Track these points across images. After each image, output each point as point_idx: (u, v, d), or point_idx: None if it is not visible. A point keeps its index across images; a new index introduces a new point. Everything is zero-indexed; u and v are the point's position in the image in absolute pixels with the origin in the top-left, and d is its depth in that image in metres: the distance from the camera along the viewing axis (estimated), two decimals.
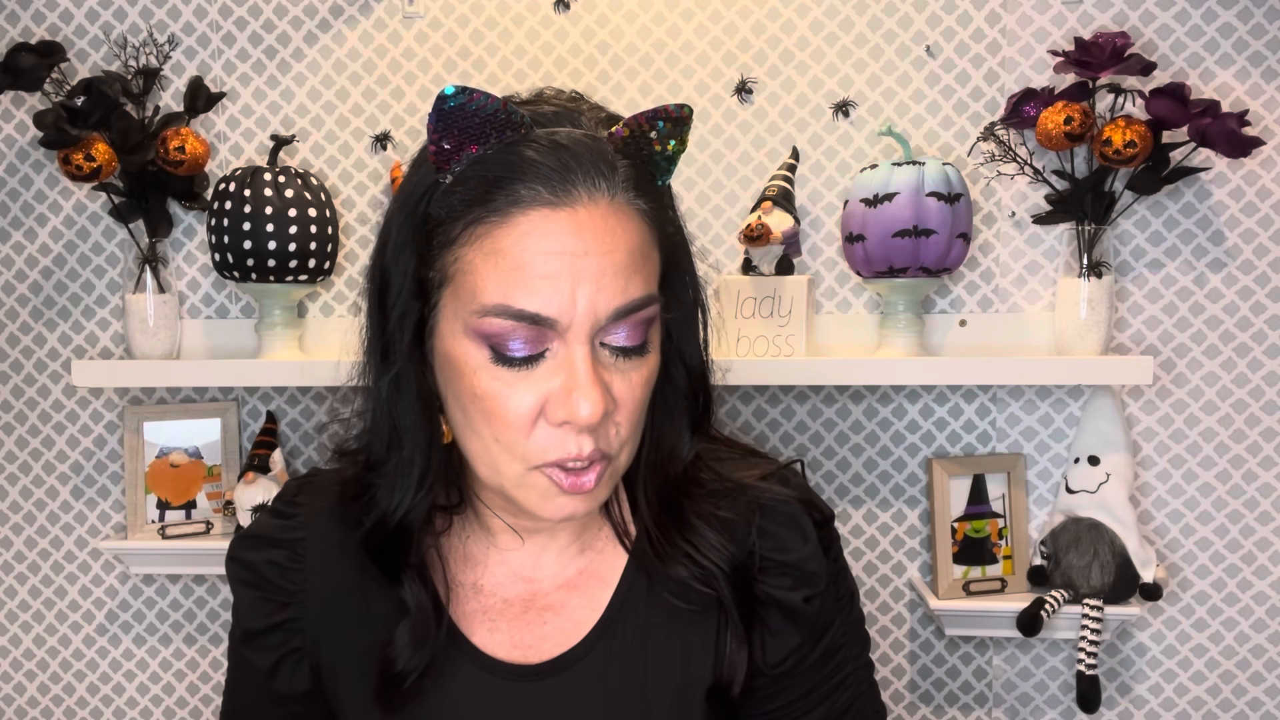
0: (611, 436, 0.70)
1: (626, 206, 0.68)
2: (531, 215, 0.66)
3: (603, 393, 0.67)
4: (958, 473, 1.51)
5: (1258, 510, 1.53)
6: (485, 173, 0.67)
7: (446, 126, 0.66)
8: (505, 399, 0.68)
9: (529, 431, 0.69)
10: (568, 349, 0.67)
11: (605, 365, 0.69)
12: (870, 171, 1.41)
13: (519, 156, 0.67)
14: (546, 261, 0.65)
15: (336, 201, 1.59)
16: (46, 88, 1.50)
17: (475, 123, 0.66)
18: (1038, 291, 1.53)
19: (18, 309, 1.67)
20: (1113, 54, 1.37)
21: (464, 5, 1.57)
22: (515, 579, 0.81)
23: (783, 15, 1.53)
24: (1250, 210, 1.50)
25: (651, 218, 0.71)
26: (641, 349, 0.70)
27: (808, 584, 0.80)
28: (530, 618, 0.80)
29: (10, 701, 1.73)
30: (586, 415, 0.66)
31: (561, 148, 0.67)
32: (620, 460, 0.72)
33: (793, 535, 0.80)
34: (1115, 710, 1.57)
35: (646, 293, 0.69)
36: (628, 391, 0.70)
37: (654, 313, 0.70)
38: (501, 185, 0.66)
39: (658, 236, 0.71)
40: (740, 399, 1.58)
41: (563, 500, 0.71)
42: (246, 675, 0.84)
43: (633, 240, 0.68)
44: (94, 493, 1.68)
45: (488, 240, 0.67)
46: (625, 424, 0.71)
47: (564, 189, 0.66)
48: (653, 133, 0.69)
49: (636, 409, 0.71)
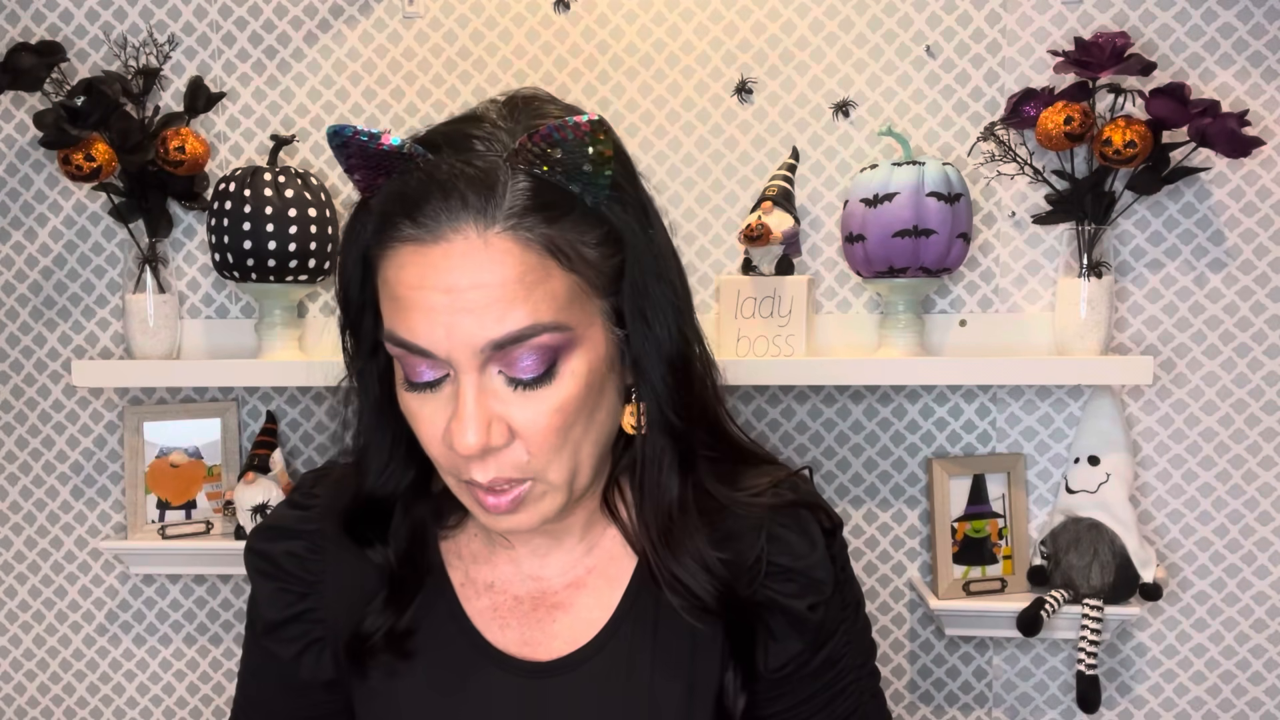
0: (522, 463, 0.69)
1: (508, 236, 0.65)
2: (404, 250, 0.66)
3: (484, 426, 0.66)
4: (958, 473, 1.51)
5: (1258, 510, 1.53)
6: (379, 205, 0.68)
7: (345, 161, 0.68)
8: (421, 419, 0.70)
9: (443, 451, 0.70)
10: (458, 378, 0.67)
11: (500, 396, 0.68)
12: (870, 171, 1.41)
13: (399, 190, 0.67)
14: (418, 296, 0.66)
15: (336, 201, 1.59)
16: (46, 88, 1.50)
17: (364, 156, 0.68)
18: (1038, 291, 1.53)
19: (18, 309, 1.67)
20: (1113, 54, 1.37)
21: (464, 5, 1.56)
22: (524, 577, 0.82)
23: (783, 15, 1.53)
24: (1250, 210, 1.50)
25: (549, 244, 0.66)
26: (544, 379, 0.68)
27: (813, 591, 0.80)
28: (540, 615, 0.81)
29: (10, 701, 1.73)
30: (464, 447, 0.66)
31: (433, 182, 0.66)
32: (551, 478, 0.71)
33: (801, 541, 0.80)
34: (1115, 710, 1.57)
35: (533, 322, 0.65)
36: (531, 421, 0.68)
37: (554, 340, 0.67)
38: (385, 219, 0.67)
39: (562, 262, 0.67)
40: (740, 399, 1.58)
41: (495, 518, 0.72)
42: (267, 668, 0.84)
43: (513, 269, 0.65)
44: (94, 493, 1.68)
45: (381, 270, 0.69)
46: (538, 451, 0.69)
47: (432, 223, 0.65)
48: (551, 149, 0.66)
49: (549, 437, 0.69)
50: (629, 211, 0.71)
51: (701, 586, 0.77)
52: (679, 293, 0.75)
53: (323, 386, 1.59)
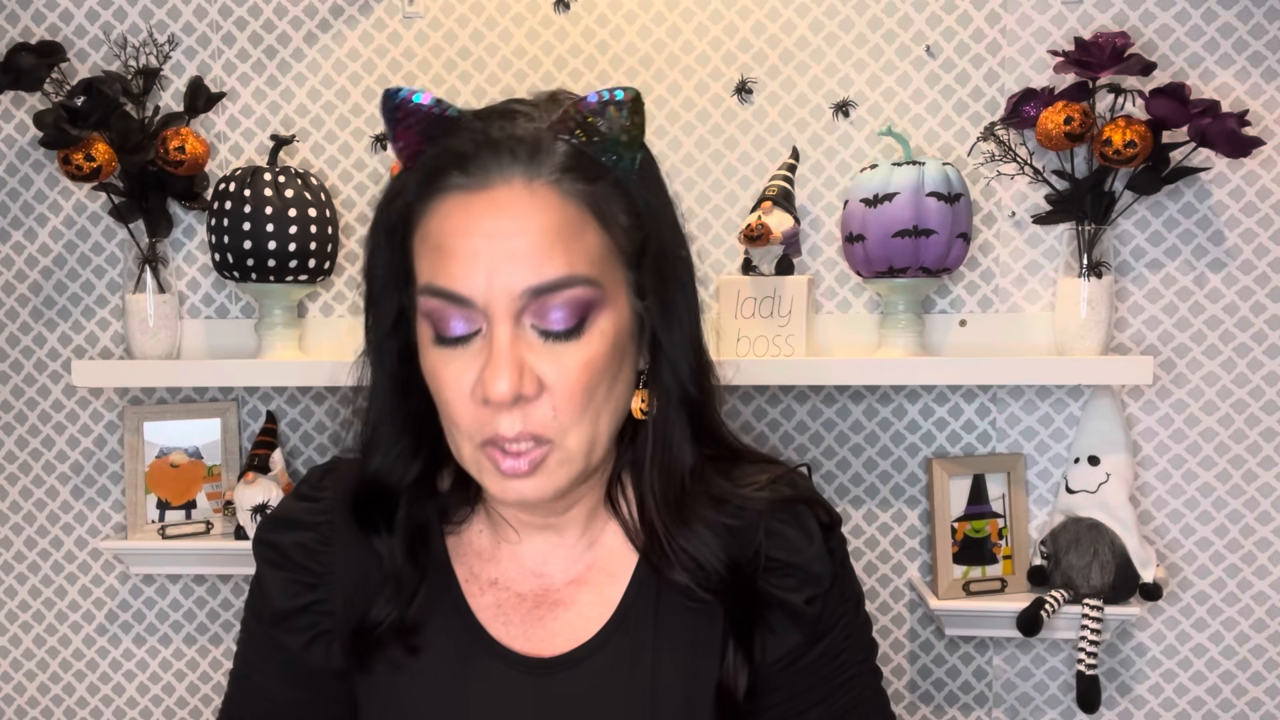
0: (547, 420, 0.70)
1: (551, 188, 0.69)
2: (450, 199, 0.70)
3: (516, 373, 0.68)
4: (958, 473, 1.51)
5: (1258, 510, 1.53)
6: (425, 165, 0.72)
7: (392, 125, 0.72)
8: (446, 377, 0.71)
9: (467, 410, 0.71)
10: (492, 329, 0.69)
11: (533, 347, 0.70)
12: (870, 171, 1.41)
13: (447, 148, 0.71)
14: (461, 242, 0.69)
15: (336, 201, 1.59)
16: (46, 88, 1.50)
17: (414, 120, 0.72)
18: (1038, 291, 1.53)
19: (18, 309, 1.67)
20: (1113, 54, 1.37)
21: (464, 5, 1.57)
22: (527, 574, 0.82)
23: (783, 15, 1.53)
24: (1250, 210, 1.50)
25: (589, 200, 0.71)
26: (574, 332, 0.70)
27: (811, 584, 0.80)
28: (542, 613, 0.81)
29: (10, 701, 1.73)
30: (497, 394, 0.67)
31: (485, 138, 0.70)
32: (569, 445, 0.72)
33: (799, 536, 0.81)
34: (1115, 710, 1.57)
35: (569, 273, 0.69)
36: (560, 376, 0.70)
37: (587, 294, 0.70)
38: (431, 176, 0.71)
39: (599, 220, 0.71)
40: (740, 399, 1.58)
41: (511, 483, 0.72)
42: (270, 658, 0.84)
43: (553, 219, 0.69)
44: (94, 493, 1.68)
45: (421, 225, 0.72)
46: (563, 409, 0.70)
47: (480, 174, 0.69)
48: (592, 118, 0.71)
49: (575, 394, 0.70)
50: (651, 191, 0.76)
51: (713, 556, 0.78)
52: (693, 275, 0.80)
53: (323, 386, 1.59)
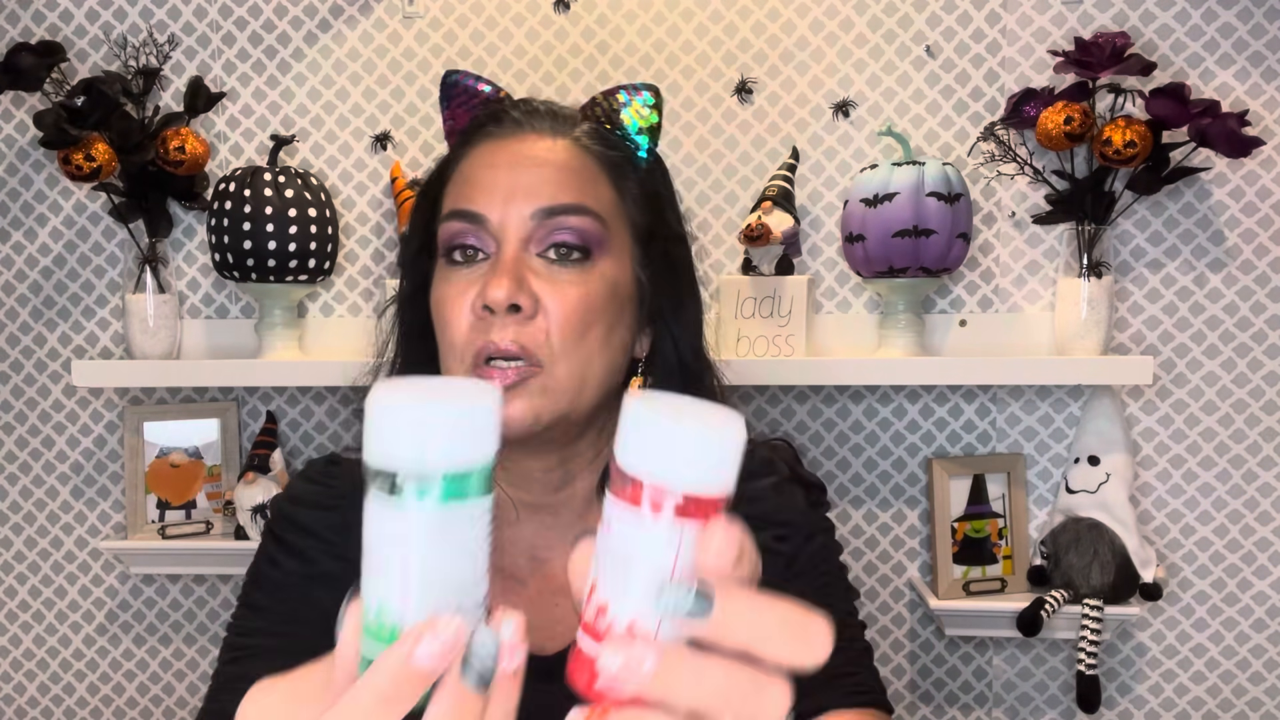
0: (540, 340, 0.73)
1: (573, 144, 0.78)
2: (482, 145, 0.79)
3: (516, 282, 0.72)
4: (958, 473, 1.51)
5: (1258, 510, 1.53)
6: (471, 126, 0.81)
7: (447, 104, 0.83)
8: (447, 298, 0.75)
9: (462, 327, 0.74)
10: (500, 250, 0.74)
11: (537, 271, 0.74)
12: (870, 171, 1.41)
13: (492, 111, 0.81)
14: (484, 173, 0.76)
15: (336, 201, 1.59)
16: (46, 88, 1.50)
17: (466, 98, 0.82)
18: (1038, 291, 1.53)
19: (18, 309, 1.67)
20: (1113, 54, 1.37)
21: (464, 5, 1.57)
22: (528, 559, 0.83)
23: (783, 15, 1.53)
24: (1250, 210, 1.50)
25: (605, 161, 0.78)
26: (577, 262, 0.75)
27: (783, 528, 0.82)
28: (544, 600, 0.81)
29: (10, 701, 1.73)
30: (494, 295, 0.71)
31: (526, 105, 0.81)
32: (557, 374, 0.73)
33: (774, 496, 0.84)
34: (1115, 710, 1.57)
35: (579, 201, 0.75)
36: (558, 301, 0.73)
37: (591, 227, 0.75)
38: (473, 130, 0.80)
39: (612, 180, 0.78)
40: (740, 399, 1.58)
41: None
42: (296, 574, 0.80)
43: (572, 161, 0.77)
44: (94, 493, 1.68)
45: (458, 172, 0.79)
46: (556, 333, 0.73)
47: (514, 126, 0.79)
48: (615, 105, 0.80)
49: (570, 321, 0.73)
50: (661, 185, 0.83)
51: None
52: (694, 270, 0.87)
53: (323, 387, 1.59)
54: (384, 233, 1.60)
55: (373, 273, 1.60)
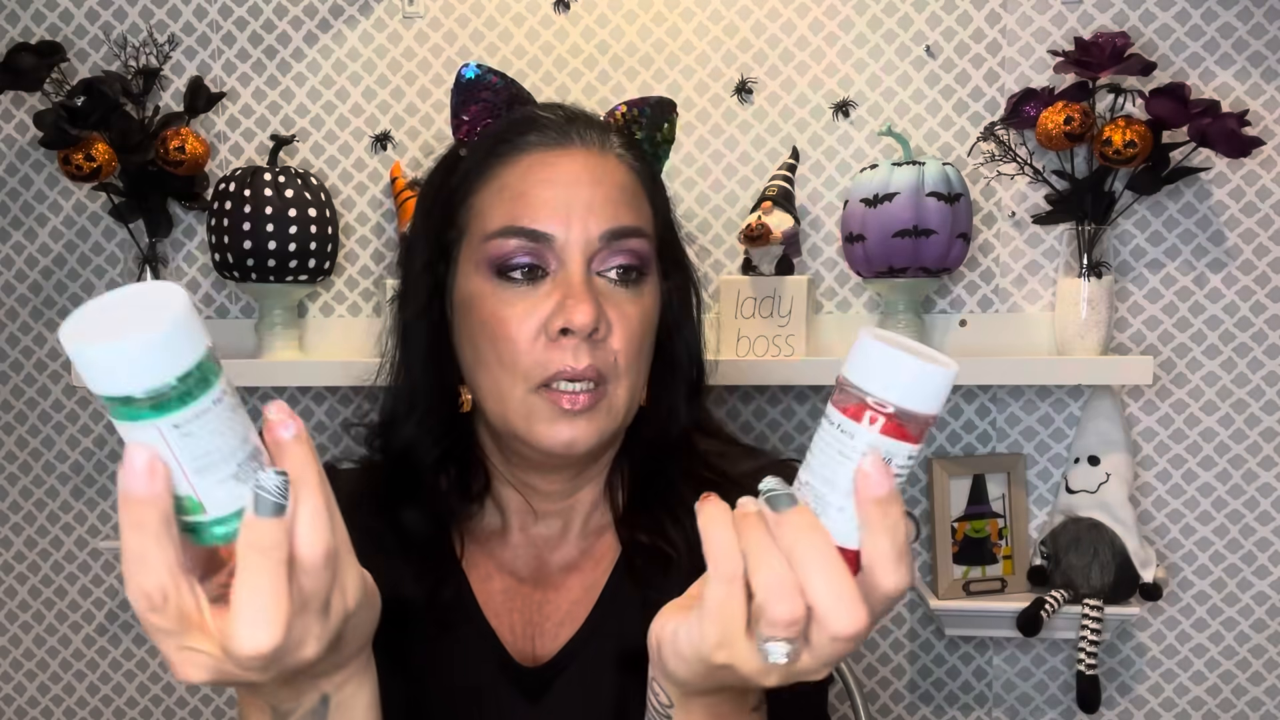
0: (610, 361, 0.74)
1: (617, 158, 0.78)
2: (529, 155, 0.76)
3: (596, 305, 0.72)
4: (958, 473, 1.51)
5: (1258, 510, 1.53)
6: (497, 131, 0.78)
7: (464, 100, 0.79)
8: (509, 318, 0.74)
9: (530, 348, 0.73)
10: (565, 269, 0.74)
11: (603, 293, 0.75)
12: (870, 171, 1.41)
13: (526, 115, 0.78)
14: (545, 188, 0.74)
15: (336, 201, 1.59)
16: (46, 88, 1.50)
17: (487, 96, 0.79)
18: (1038, 291, 1.53)
19: (18, 309, 1.67)
20: (1113, 54, 1.37)
21: (464, 5, 1.56)
22: (530, 557, 0.83)
23: (783, 15, 1.53)
24: (1250, 210, 1.50)
25: (643, 176, 0.79)
26: (635, 282, 0.76)
27: None
28: (538, 597, 0.82)
29: (10, 701, 1.73)
30: (580, 320, 0.71)
31: (563, 110, 0.79)
32: (619, 395, 0.75)
33: None
34: (1115, 710, 1.57)
35: (638, 224, 0.76)
36: (623, 321, 0.74)
37: (645, 248, 0.76)
38: (508, 137, 0.77)
39: (648, 193, 0.79)
40: (740, 399, 1.58)
41: (562, 425, 0.73)
42: None
43: (624, 180, 0.77)
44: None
45: (495, 180, 0.76)
46: (622, 352, 0.74)
47: (563, 136, 0.77)
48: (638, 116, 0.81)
49: (633, 340, 0.75)
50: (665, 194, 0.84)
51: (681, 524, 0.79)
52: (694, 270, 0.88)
53: (322, 386, 1.59)
54: (384, 233, 1.60)
55: (373, 273, 1.60)
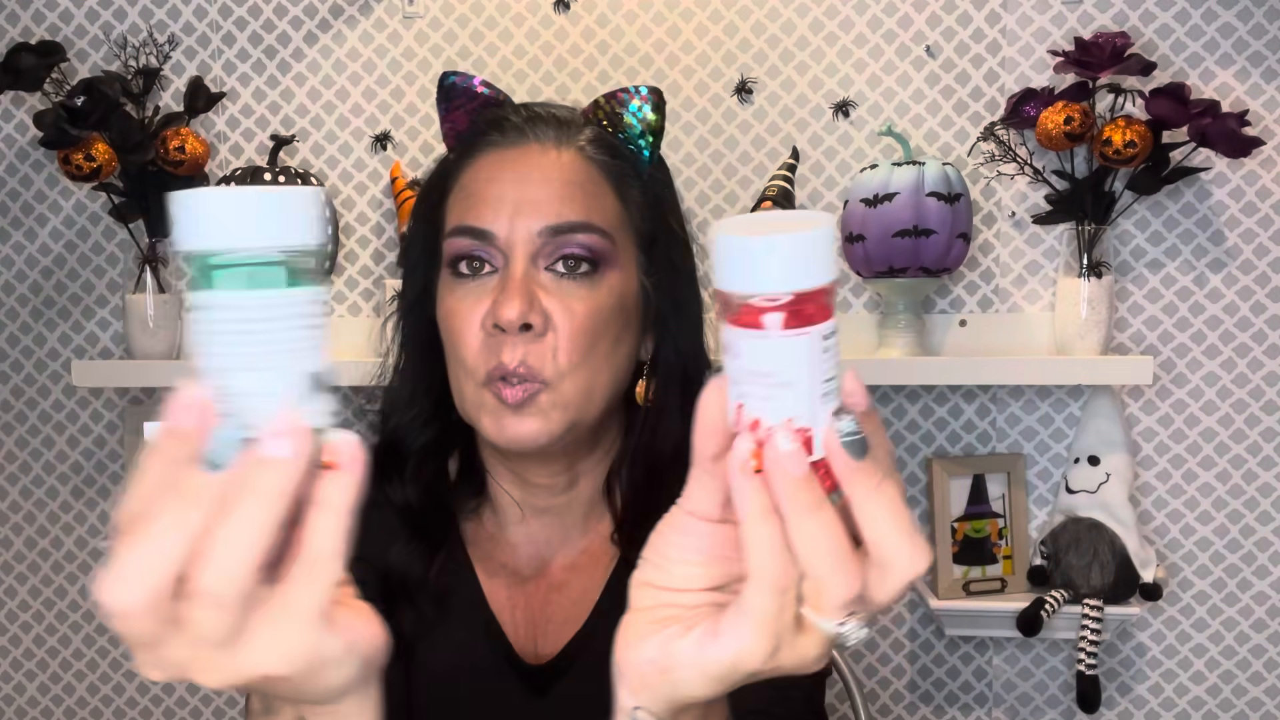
0: (547, 359, 0.73)
1: (578, 154, 0.77)
2: (486, 155, 0.77)
3: (527, 300, 0.72)
4: (958, 473, 1.51)
5: (1258, 510, 1.53)
6: (472, 134, 0.79)
7: (446, 107, 0.80)
8: (458, 313, 0.75)
9: (474, 344, 0.74)
10: (509, 265, 0.74)
11: (545, 287, 0.74)
12: (870, 171, 1.41)
13: (493, 117, 0.79)
14: (491, 186, 0.75)
15: (336, 201, 1.59)
16: (46, 88, 1.50)
17: (466, 101, 0.80)
18: (1038, 291, 1.53)
19: (18, 309, 1.67)
20: (1113, 54, 1.37)
21: (464, 5, 1.57)
22: (531, 556, 0.83)
23: (783, 15, 1.53)
24: (1250, 210, 1.50)
25: (610, 170, 0.78)
26: (585, 276, 0.74)
27: None
28: (541, 595, 0.82)
29: (10, 701, 1.73)
30: (507, 315, 0.71)
31: (526, 112, 0.79)
32: (564, 390, 0.74)
33: None
34: (1115, 710, 1.57)
35: (586, 219, 0.75)
36: (566, 317, 0.73)
37: (601, 244, 0.75)
38: (474, 138, 0.79)
39: (616, 190, 0.78)
40: None
41: (507, 420, 0.74)
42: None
43: (576, 175, 0.76)
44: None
45: (458, 181, 0.78)
46: (564, 350, 0.73)
47: (516, 135, 0.77)
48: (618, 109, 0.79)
49: (578, 337, 0.74)
50: (664, 188, 0.83)
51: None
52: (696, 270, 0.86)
53: None
54: (384, 233, 1.60)
55: (373, 273, 1.60)
